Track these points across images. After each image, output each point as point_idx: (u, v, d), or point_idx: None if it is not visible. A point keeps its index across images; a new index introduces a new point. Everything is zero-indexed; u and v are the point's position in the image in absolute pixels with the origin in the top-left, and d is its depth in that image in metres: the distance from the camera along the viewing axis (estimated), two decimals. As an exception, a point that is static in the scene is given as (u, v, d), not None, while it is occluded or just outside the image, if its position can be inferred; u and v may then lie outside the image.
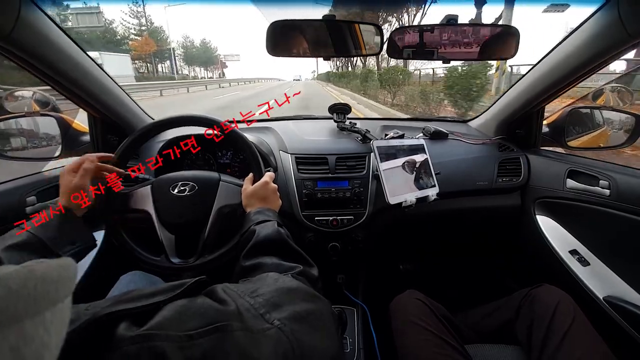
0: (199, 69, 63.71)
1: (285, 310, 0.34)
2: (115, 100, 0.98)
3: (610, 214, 0.86)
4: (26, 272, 0.17)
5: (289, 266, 0.49)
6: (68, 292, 0.20)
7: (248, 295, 0.34)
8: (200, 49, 60.86)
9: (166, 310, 0.30)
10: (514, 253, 1.28)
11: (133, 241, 0.74)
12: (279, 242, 0.55)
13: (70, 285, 0.20)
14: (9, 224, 0.73)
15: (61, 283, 0.19)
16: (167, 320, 0.28)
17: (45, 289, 0.18)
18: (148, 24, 43.93)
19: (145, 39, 41.92)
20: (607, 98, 1.02)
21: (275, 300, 0.35)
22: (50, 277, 0.18)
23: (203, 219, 0.73)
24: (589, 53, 0.78)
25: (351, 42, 0.83)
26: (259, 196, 0.70)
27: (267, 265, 0.49)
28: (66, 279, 0.20)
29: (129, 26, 43.02)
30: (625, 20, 0.67)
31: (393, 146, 0.93)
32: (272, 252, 0.53)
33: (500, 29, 0.83)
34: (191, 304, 0.31)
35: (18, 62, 0.71)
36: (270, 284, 0.38)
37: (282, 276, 0.42)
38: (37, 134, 0.97)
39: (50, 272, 0.18)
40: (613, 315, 0.82)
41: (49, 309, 0.18)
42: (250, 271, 0.50)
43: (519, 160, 1.11)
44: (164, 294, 0.33)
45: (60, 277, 0.19)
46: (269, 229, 0.58)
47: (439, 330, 0.71)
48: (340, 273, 1.10)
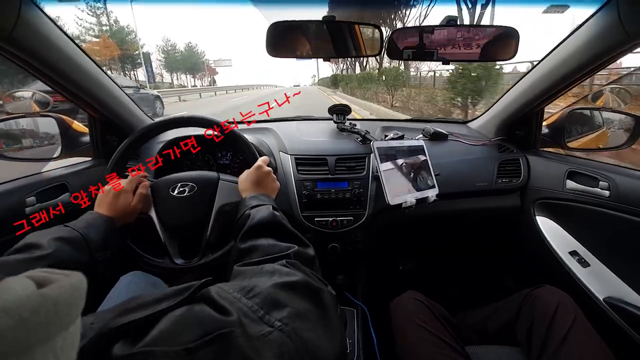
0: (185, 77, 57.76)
1: (285, 309, 0.33)
2: (115, 101, 0.98)
3: (609, 215, 0.86)
4: (39, 298, 0.16)
5: (285, 246, 0.48)
6: (78, 313, 0.19)
7: (244, 297, 0.33)
8: (184, 54, 54.45)
9: (163, 323, 0.28)
10: (513, 253, 1.28)
11: (136, 244, 0.74)
12: (274, 224, 0.55)
13: (81, 305, 0.19)
14: (8, 225, 0.73)
15: (73, 305, 0.18)
16: (164, 334, 0.27)
17: (57, 314, 0.17)
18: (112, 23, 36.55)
19: (104, 41, 34.52)
20: (606, 99, 1.02)
21: (273, 297, 0.34)
22: (63, 300, 0.17)
23: (204, 218, 0.73)
24: (588, 54, 0.78)
25: (351, 42, 0.84)
26: (252, 180, 0.70)
27: (263, 247, 0.49)
28: (78, 300, 0.19)
29: (86, 26, 35.46)
30: (624, 21, 0.67)
31: (393, 147, 0.94)
32: (267, 234, 0.52)
33: (499, 31, 0.83)
34: (189, 313, 0.30)
35: (18, 62, 0.71)
36: (266, 280, 0.37)
37: (278, 267, 0.41)
38: (37, 135, 0.97)
39: (63, 295, 0.17)
40: (613, 317, 0.82)
41: (60, 333, 0.17)
42: (246, 254, 0.49)
43: (519, 161, 1.11)
44: (171, 299, 0.32)
45: (72, 299, 0.18)
46: (264, 212, 0.58)
47: (438, 331, 0.71)
48: (340, 274, 1.10)
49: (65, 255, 0.51)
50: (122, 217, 0.66)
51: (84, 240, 0.55)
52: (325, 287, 0.40)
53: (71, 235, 0.55)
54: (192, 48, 56.24)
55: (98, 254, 0.57)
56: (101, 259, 0.57)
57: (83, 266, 0.54)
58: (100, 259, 0.57)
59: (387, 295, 0.86)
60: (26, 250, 0.49)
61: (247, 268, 0.42)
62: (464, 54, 0.84)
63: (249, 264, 0.43)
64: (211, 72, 62.72)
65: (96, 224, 0.60)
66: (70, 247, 0.53)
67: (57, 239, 0.52)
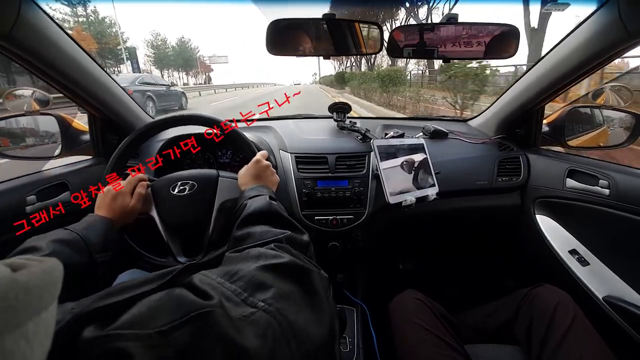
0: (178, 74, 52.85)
1: (269, 290, 0.32)
2: (115, 99, 0.98)
3: (609, 213, 0.86)
4: (8, 282, 0.15)
5: (277, 232, 0.48)
6: (52, 299, 0.18)
7: (228, 281, 0.32)
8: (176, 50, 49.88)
9: (137, 307, 0.27)
10: (513, 252, 1.28)
11: (138, 244, 0.74)
12: (270, 213, 0.55)
13: (55, 291, 0.18)
14: (9, 224, 0.74)
15: (45, 290, 0.17)
16: (137, 318, 0.26)
17: (27, 299, 0.16)
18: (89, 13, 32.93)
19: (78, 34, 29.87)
20: (607, 97, 1.01)
21: (257, 279, 0.33)
22: (33, 284, 0.17)
23: (206, 216, 0.73)
24: (589, 52, 0.78)
25: (351, 40, 0.83)
26: (251, 174, 0.70)
27: (256, 234, 0.49)
28: (50, 285, 0.18)
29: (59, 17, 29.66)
30: (625, 20, 0.66)
31: (393, 145, 0.93)
32: (263, 222, 0.52)
33: (500, 29, 0.83)
34: (167, 296, 0.28)
35: (18, 61, 0.71)
36: (251, 264, 0.36)
37: (264, 251, 0.40)
38: (37, 133, 0.97)
39: (33, 279, 0.17)
40: (612, 315, 0.83)
41: (32, 319, 0.16)
42: (240, 240, 0.49)
43: (519, 159, 1.10)
44: (153, 282, 0.31)
45: (44, 283, 0.17)
46: (261, 201, 0.58)
47: (438, 330, 0.71)
48: (339, 272, 1.10)
49: (64, 258, 0.51)
50: (121, 218, 0.66)
51: (83, 242, 0.55)
52: (316, 269, 0.40)
53: (70, 238, 0.55)
54: (185, 43, 51.40)
55: (97, 255, 0.57)
56: (101, 261, 0.57)
57: (82, 268, 0.54)
58: (99, 261, 0.57)
59: (386, 294, 0.86)
60: (25, 253, 0.49)
61: (235, 254, 0.42)
62: (464, 52, 0.84)
63: (239, 250, 0.43)
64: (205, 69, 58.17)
65: (96, 226, 0.60)
66: (69, 249, 0.53)
67: (56, 241, 0.52)
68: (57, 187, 0.87)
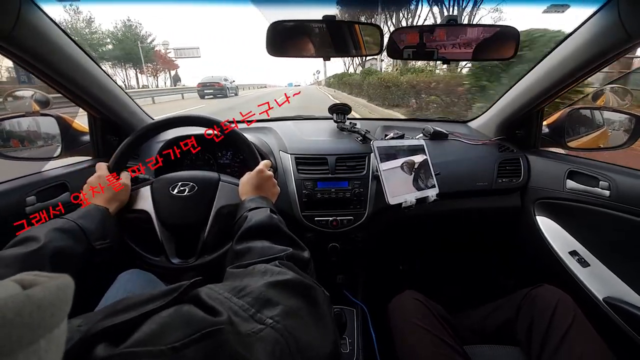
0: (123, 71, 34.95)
1: (277, 307, 0.32)
2: (115, 100, 0.98)
3: (610, 214, 0.86)
4: (23, 299, 0.16)
5: (279, 249, 0.48)
6: (64, 316, 0.18)
7: (235, 296, 0.33)
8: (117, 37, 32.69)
9: (148, 324, 0.27)
10: (513, 253, 1.28)
11: (133, 241, 0.74)
12: (270, 227, 0.55)
13: (66, 308, 0.18)
14: (9, 224, 0.73)
15: (58, 307, 0.17)
16: (148, 335, 0.26)
17: (41, 316, 0.16)
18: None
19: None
20: (607, 98, 1.02)
21: (265, 296, 0.33)
22: (48, 301, 0.17)
23: (203, 219, 0.73)
24: (588, 54, 0.78)
25: (351, 42, 0.83)
26: (253, 184, 0.70)
27: (257, 249, 0.49)
28: (63, 302, 0.18)
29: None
30: (625, 21, 0.67)
31: (393, 146, 0.93)
32: (263, 237, 0.52)
33: (500, 30, 0.83)
34: (176, 314, 0.28)
35: (18, 62, 0.71)
36: (258, 279, 0.36)
37: (270, 267, 0.40)
38: (37, 134, 0.97)
39: (48, 297, 0.17)
40: (612, 316, 0.82)
41: (44, 336, 0.16)
42: (240, 255, 0.49)
43: (519, 160, 1.10)
44: (159, 300, 0.31)
45: (57, 301, 0.17)
46: (262, 214, 0.58)
47: (437, 331, 0.71)
48: (339, 273, 1.10)
49: (61, 245, 0.51)
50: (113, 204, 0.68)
51: (80, 230, 0.56)
52: (318, 287, 0.40)
53: (67, 226, 0.55)
54: (132, 29, 33.22)
55: (96, 243, 0.58)
56: (99, 248, 0.58)
57: (79, 255, 0.54)
58: (98, 248, 0.58)
59: (386, 294, 0.86)
60: (23, 243, 0.49)
61: (239, 270, 0.42)
62: (464, 53, 0.84)
63: (242, 266, 0.43)
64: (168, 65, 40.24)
65: (92, 213, 0.61)
66: (66, 236, 0.53)
67: (53, 229, 0.53)
68: (57, 187, 0.87)
